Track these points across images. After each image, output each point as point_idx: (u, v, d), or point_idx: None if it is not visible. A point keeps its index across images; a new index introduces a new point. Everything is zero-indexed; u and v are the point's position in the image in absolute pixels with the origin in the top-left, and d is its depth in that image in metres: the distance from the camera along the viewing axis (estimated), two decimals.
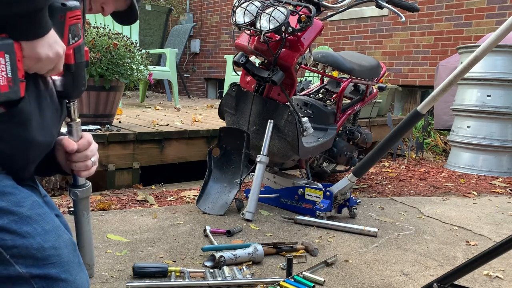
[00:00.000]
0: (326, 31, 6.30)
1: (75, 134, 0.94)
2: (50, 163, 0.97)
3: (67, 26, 0.83)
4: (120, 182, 2.79)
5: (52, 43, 0.77)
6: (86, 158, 0.94)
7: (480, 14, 4.86)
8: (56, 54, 0.78)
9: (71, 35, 0.84)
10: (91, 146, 0.96)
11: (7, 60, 0.71)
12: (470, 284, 1.59)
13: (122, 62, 2.84)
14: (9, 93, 0.72)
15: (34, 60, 0.76)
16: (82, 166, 0.94)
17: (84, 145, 0.94)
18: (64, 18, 0.82)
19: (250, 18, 2.19)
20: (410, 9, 2.64)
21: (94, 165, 0.97)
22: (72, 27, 0.84)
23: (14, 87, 0.73)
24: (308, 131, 2.34)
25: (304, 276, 1.56)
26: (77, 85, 0.90)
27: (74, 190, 0.98)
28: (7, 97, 0.73)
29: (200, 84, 8.87)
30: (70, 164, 0.95)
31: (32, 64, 0.76)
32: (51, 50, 0.77)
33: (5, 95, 0.72)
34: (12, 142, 0.78)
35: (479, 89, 3.78)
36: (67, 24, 0.82)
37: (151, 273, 1.53)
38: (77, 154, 0.93)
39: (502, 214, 2.55)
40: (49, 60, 0.77)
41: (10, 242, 0.75)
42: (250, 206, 2.22)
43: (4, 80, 0.71)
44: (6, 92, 0.72)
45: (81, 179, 0.98)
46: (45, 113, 0.83)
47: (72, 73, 0.88)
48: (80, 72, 0.89)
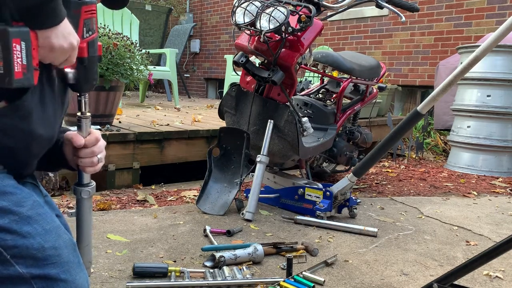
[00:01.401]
0: (326, 31, 6.30)
1: (84, 129, 0.95)
2: (57, 158, 0.97)
3: (82, 20, 0.84)
4: (120, 182, 2.80)
5: (66, 34, 0.77)
6: (92, 154, 0.95)
7: (480, 14, 4.86)
8: (70, 45, 0.78)
9: (85, 29, 0.85)
10: (98, 143, 0.96)
11: (23, 47, 0.72)
12: (470, 284, 1.59)
13: (122, 62, 2.84)
14: (23, 79, 0.73)
15: (48, 50, 0.76)
16: (88, 162, 0.95)
17: (91, 141, 0.94)
18: (80, 12, 0.83)
19: (250, 18, 2.19)
20: (410, 9, 2.64)
21: (100, 162, 0.97)
22: (87, 21, 0.85)
23: (28, 74, 0.74)
24: (308, 131, 2.34)
25: (304, 276, 1.56)
26: (89, 79, 0.91)
27: (80, 189, 0.99)
28: (21, 84, 0.73)
29: (200, 84, 8.87)
30: (76, 160, 0.95)
31: (46, 53, 0.77)
32: (65, 41, 0.77)
33: (20, 81, 0.73)
34: (15, 136, 0.78)
35: (479, 89, 3.78)
36: (82, 18, 0.84)
37: (151, 273, 1.53)
38: (84, 150, 0.94)
39: (502, 214, 2.55)
40: (63, 51, 0.78)
41: (11, 242, 0.75)
42: (250, 206, 2.22)
43: (19, 67, 0.72)
44: (20, 78, 0.73)
45: (86, 177, 0.99)
46: (47, 107, 0.83)
47: (85, 67, 0.88)
48: (93, 66, 0.90)
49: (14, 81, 0.72)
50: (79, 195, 0.99)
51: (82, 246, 1.02)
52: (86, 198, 1.00)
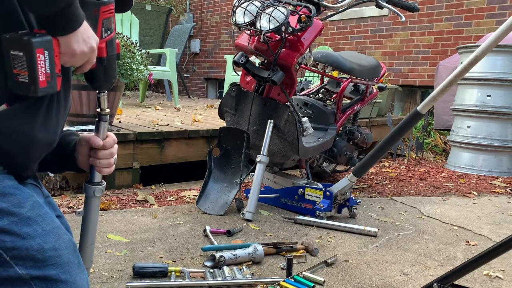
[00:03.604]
0: (326, 31, 6.30)
1: (102, 131, 0.97)
2: (66, 160, 0.99)
3: (100, 20, 0.84)
4: (120, 182, 2.80)
5: (86, 38, 0.79)
6: (110, 156, 0.98)
7: (480, 14, 4.86)
8: (90, 49, 0.80)
9: (104, 29, 0.86)
10: (115, 145, 1.00)
11: (47, 56, 0.74)
12: (470, 284, 1.59)
13: (122, 62, 2.84)
14: (48, 88, 0.76)
15: (70, 56, 0.78)
16: (106, 164, 0.97)
17: (110, 143, 0.98)
18: (98, 12, 0.84)
19: (250, 18, 2.19)
20: (410, 9, 2.64)
21: (114, 163, 1.00)
22: (105, 21, 0.85)
23: (52, 82, 0.76)
24: (308, 131, 2.34)
25: (304, 276, 1.56)
26: (109, 77, 0.92)
27: (94, 187, 0.99)
28: (45, 92, 0.76)
29: (200, 84, 8.87)
30: (93, 161, 0.97)
31: (67, 59, 0.78)
32: (85, 45, 0.79)
33: (44, 90, 0.75)
34: (14, 139, 0.78)
35: (479, 89, 3.78)
36: (100, 18, 0.84)
37: (151, 273, 1.53)
38: (103, 152, 0.96)
39: (502, 214, 2.55)
40: (84, 55, 0.79)
41: (10, 243, 0.75)
42: (250, 206, 2.22)
43: (43, 76, 0.74)
44: (45, 87, 0.75)
45: (98, 176, 1.00)
46: (52, 111, 0.84)
47: (104, 66, 0.90)
48: (112, 64, 0.91)
49: (39, 90, 0.74)
50: (91, 193, 1.00)
51: (88, 245, 1.02)
52: (98, 197, 1.01)
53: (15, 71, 0.73)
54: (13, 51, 0.72)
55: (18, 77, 0.74)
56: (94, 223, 1.02)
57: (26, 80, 0.73)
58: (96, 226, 1.03)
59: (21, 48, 0.72)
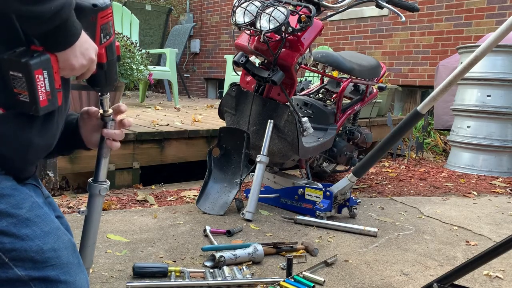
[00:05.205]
0: (326, 31, 6.30)
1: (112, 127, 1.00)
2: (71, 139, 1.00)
3: (98, 26, 0.84)
4: (120, 182, 2.80)
5: (84, 51, 0.78)
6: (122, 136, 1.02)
7: (480, 14, 4.86)
8: (89, 60, 0.80)
9: (102, 35, 0.85)
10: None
11: (45, 75, 0.74)
12: (470, 284, 1.59)
13: (122, 62, 2.84)
14: (49, 106, 0.76)
15: (69, 70, 0.78)
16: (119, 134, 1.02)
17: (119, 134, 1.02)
18: (96, 19, 0.83)
19: (250, 18, 2.18)
20: (410, 9, 2.64)
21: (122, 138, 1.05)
22: (103, 26, 0.84)
23: (53, 99, 0.76)
24: (308, 131, 2.34)
25: (304, 276, 1.56)
26: (110, 80, 0.92)
27: (99, 186, 1.00)
28: (47, 110, 0.76)
29: (200, 84, 8.87)
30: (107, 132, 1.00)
31: (67, 73, 0.79)
32: (84, 58, 0.79)
33: (45, 108, 0.76)
34: (10, 144, 0.77)
35: (479, 89, 3.78)
36: (98, 24, 0.83)
37: (151, 273, 1.53)
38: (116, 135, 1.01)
39: (502, 214, 2.55)
40: (83, 67, 0.80)
41: (9, 245, 0.75)
42: (250, 206, 2.22)
43: (43, 95, 0.74)
44: (46, 105, 0.75)
45: (103, 175, 1.02)
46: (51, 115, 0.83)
47: (105, 71, 0.90)
48: (112, 68, 0.91)
49: (40, 109, 0.75)
50: (97, 191, 0.99)
51: (89, 244, 1.02)
52: (102, 196, 1.01)
53: (16, 90, 0.73)
54: (12, 72, 0.72)
55: (19, 96, 0.74)
56: (97, 222, 1.02)
57: (27, 100, 0.74)
58: (98, 226, 1.03)
59: (20, 70, 0.72)
